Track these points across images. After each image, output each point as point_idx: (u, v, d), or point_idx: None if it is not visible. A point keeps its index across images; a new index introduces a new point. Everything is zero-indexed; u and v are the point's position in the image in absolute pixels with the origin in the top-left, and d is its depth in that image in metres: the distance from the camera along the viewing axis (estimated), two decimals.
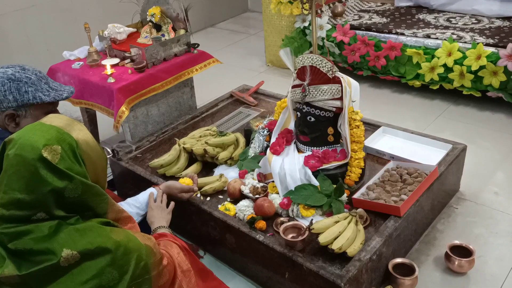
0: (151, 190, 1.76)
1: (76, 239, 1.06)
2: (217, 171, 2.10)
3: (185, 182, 1.86)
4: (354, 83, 1.85)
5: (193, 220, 1.92)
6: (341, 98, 1.80)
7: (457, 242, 1.79)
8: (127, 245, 1.13)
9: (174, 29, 2.68)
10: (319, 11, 3.34)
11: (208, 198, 1.93)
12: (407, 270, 1.67)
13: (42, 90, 1.49)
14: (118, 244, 1.11)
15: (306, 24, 3.32)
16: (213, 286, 1.53)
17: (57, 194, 1.06)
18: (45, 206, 1.05)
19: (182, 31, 2.65)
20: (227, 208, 1.85)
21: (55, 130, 1.09)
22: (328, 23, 3.26)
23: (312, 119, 1.84)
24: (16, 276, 1.03)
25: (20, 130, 1.12)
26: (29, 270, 1.03)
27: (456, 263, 1.74)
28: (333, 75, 1.78)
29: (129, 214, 1.28)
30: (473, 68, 2.66)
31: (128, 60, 2.55)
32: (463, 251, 1.76)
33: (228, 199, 1.92)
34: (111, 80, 2.36)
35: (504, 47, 2.58)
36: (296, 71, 1.86)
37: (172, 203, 1.72)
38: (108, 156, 1.31)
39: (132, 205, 1.68)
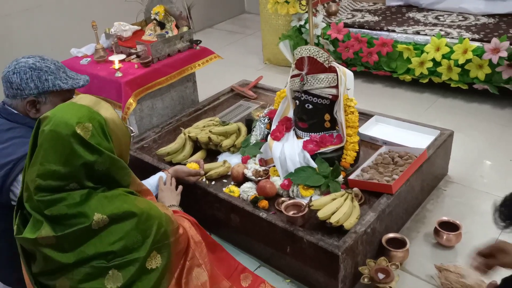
0: (160, 174, 1.88)
1: (105, 204, 1.18)
2: (221, 158, 2.22)
3: (192, 166, 1.99)
4: (348, 72, 2.00)
5: (199, 204, 2.04)
6: (336, 86, 1.94)
7: (445, 218, 1.93)
8: (149, 212, 1.25)
9: (177, 26, 2.82)
10: (314, 11, 3.49)
11: (213, 183, 2.06)
12: (399, 244, 1.81)
13: (61, 78, 1.59)
14: (141, 211, 1.23)
15: (302, 22, 3.47)
16: (222, 257, 1.65)
17: (88, 166, 1.17)
18: (77, 177, 1.17)
19: (185, 28, 2.79)
20: (231, 190, 1.97)
21: (86, 109, 1.21)
22: (322, 21, 3.42)
23: (310, 106, 1.98)
24: (52, 237, 1.14)
25: (53, 108, 1.24)
26: (64, 231, 1.14)
27: (445, 237, 1.88)
28: (329, 65, 1.92)
29: (148, 188, 1.40)
30: (460, 62, 2.81)
31: (134, 56, 2.68)
32: (451, 227, 1.90)
33: (232, 183, 2.04)
34: (118, 74, 2.49)
35: (489, 41, 2.74)
36: (294, 62, 2.00)
37: (181, 186, 1.84)
38: (132, 134, 1.44)
39: (152, 188, 1.79)
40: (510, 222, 0.98)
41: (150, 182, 1.83)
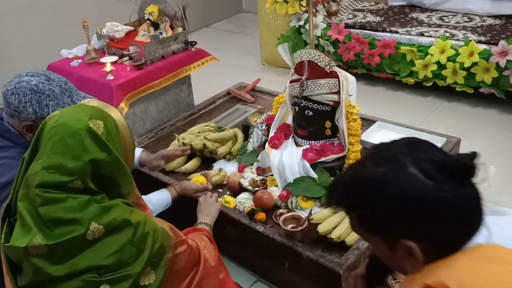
0: (163, 190, 1.78)
1: (103, 214, 1.10)
2: (216, 166, 2.12)
3: (198, 180, 1.88)
4: (350, 77, 1.90)
5: (193, 214, 1.94)
6: (338, 92, 1.84)
7: None
8: (145, 226, 1.17)
9: (171, 27, 2.72)
10: (314, 11, 3.39)
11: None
12: None
13: (63, 104, 1.44)
14: (138, 223, 1.16)
15: (301, 23, 3.37)
16: (225, 281, 1.55)
17: (95, 164, 1.10)
18: (83, 174, 1.09)
19: (179, 29, 2.69)
20: (227, 201, 1.87)
21: (98, 109, 1.16)
22: (323, 22, 3.31)
23: (310, 113, 1.88)
24: (44, 245, 1.05)
25: (62, 109, 1.17)
26: (57, 240, 1.06)
27: None
28: (331, 70, 1.82)
29: (146, 204, 1.31)
30: (466, 65, 2.72)
31: (127, 58, 2.58)
32: None
33: (228, 192, 1.95)
34: (110, 77, 2.39)
35: (496, 44, 2.64)
36: (294, 66, 1.90)
37: (220, 201, 1.76)
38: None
39: (150, 204, 1.69)
40: (336, 204, 0.91)
41: (154, 201, 1.72)
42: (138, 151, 1.83)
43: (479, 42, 2.74)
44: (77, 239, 1.08)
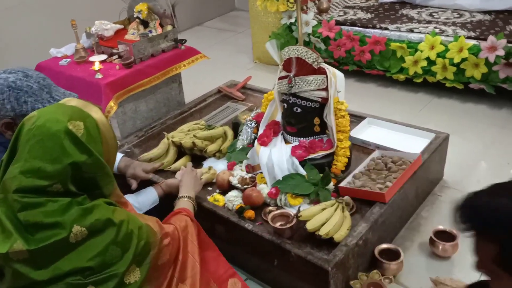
0: (150, 188, 1.78)
1: (85, 216, 1.09)
2: (206, 164, 2.12)
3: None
4: (339, 73, 1.89)
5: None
6: (326, 89, 1.83)
7: (441, 227, 1.84)
8: (128, 224, 1.17)
9: (161, 25, 2.70)
10: (305, 8, 3.38)
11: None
12: (393, 255, 1.72)
13: (42, 101, 1.43)
14: (121, 223, 1.15)
15: (292, 20, 3.37)
16: (214, 257, 1.54)
17: (75, 167, 1.08)
18: (63, 178, 1.07)
19: (169, 27, 2.67)
20: (216, 199, 1.87)
21: (77, 109, 1.13)
22: (313, 19, 3.31)
23: (299, 109, 1.87)
24: (25, 251, 1.03)
25: (40, 109, 1.14)
26: (39, 245, 1.04)
27: (440, 247, 1.78)
28: (319, 66, 1.82)
29: (128, 201, 1.30)
30: (456, 61, 2.72)
31: (116, 56, 2.56)
32: (447, 236, 1.81)
33: (217, 191, 1.94)
34: (99, 75, 2.37)
35: (485, 39, 2.64)
36: (282, 63, 1.90)
37: (204, 178, 1.80)
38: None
39: (133, 201, 1.69)
40: (468, 224, 0.85)
41: (140, 200, 1.72)
42: (118, 156, 1.79)
43: (469, 37, 2.75)
44: (59, 243, 1.06)
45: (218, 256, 1.59)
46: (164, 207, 1.70)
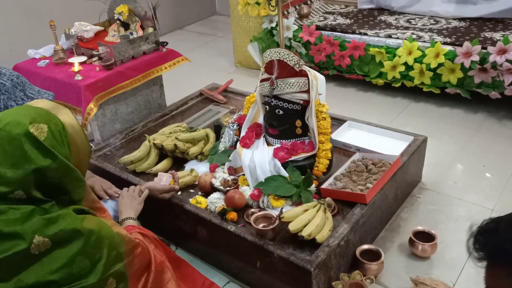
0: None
1: (49, 226, 1.04)
2: (188, 166, 2.11)
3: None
4: (320, 76, 1.91)
5: (164, 215, 1.92)
6: (308, 91, 1.85)
7: (420, 228, 1.87)
8: (99, 233, 1.11)
9: (142, 27, 2.69)
10: (285, 13, 3.42)
11: (179, 193, 1.94)
12: (374, 256, 1.74)
13: (16, 98, 1.41)
14: (90, 232, 1.09)
15: (274, 24, 3.39)
16: (187, 273, 1.54)
17: (39, 173, 1.04)
18: (26, 184, 1.03)
19: (150, 29, 2.66)
20: (198, 201, 1.86)
21: (43, 111, 1.09)
22: (294, 23, 3.34)
23: (281, 112, 1.89)
24: None
25: (3, 111, 1.10)
26: None
27: (420, 247, 1.82)
28: (300, 68, 1.84)
29: (103, 206, 1.27)
30: (432, 66, 2.79)
31: (96, 58, 2.53)
32: (426, 237, 1.84)
33: (199, 193, 1.93)
34: (78, 77, 2.34)
35: (461, 45, 2.72)
36: (264, 65, 1.91)
37: (146, 191, 1.70)
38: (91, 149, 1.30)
39: (111, 208, 1.66)
40: (485, 253, 0.81)
41: (116, 207, 1.68)
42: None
43: (445, 43, 2.82)
44: (19, 254, 1.00)
45: (192, 271, 1.58)
46: (143, 210, 1.67)
